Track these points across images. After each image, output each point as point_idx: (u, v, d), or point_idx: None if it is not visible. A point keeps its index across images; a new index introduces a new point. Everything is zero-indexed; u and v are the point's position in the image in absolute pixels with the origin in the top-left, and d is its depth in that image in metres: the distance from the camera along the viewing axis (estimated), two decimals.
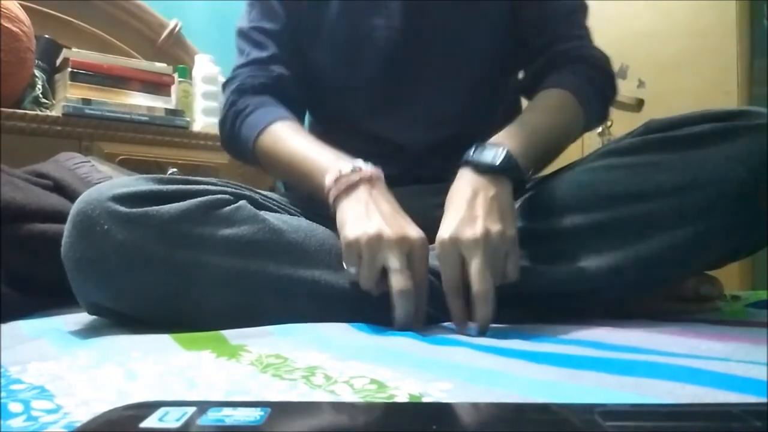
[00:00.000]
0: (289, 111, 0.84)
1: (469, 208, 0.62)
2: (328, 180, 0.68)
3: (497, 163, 0.65)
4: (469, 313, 0.60)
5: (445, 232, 0.62)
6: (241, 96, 0.86)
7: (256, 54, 0.88)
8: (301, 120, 0.88)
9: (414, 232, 0.63)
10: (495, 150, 0.66)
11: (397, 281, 0.60)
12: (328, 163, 0.71)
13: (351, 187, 0.66)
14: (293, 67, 0.89)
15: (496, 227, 0.61)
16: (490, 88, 0.90)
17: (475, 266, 0.59)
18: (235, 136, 0.85)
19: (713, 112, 0.67)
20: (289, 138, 0.79)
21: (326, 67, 0.89)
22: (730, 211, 0.62)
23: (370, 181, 0.67)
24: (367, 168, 0.68)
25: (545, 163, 0.79)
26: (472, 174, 0.66)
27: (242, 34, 0.91)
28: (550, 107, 0.79)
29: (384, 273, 0.62)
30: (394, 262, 0.60)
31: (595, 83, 0.82)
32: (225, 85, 0.90)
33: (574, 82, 0.80)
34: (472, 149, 0.68)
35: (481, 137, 0.69)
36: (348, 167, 0.67)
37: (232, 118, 0.86)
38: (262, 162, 0.83)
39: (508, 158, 0.66)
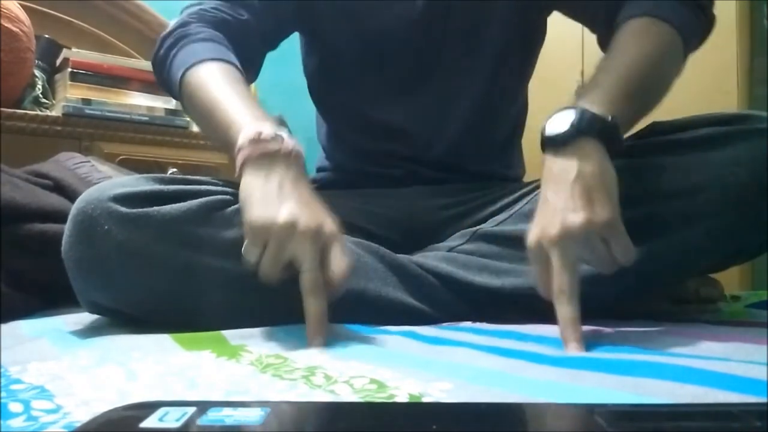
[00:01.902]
0: (239, 60, 0.75)
1: (551, 202, 0.55)
2: (242, 137, 0.60)
3: (565, 130, 0.56)
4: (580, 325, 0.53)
5: (530, 237, 0.56)
6: (197, 21, 0.77)
7: None
8: (248, 78, 0.78)
9: (329, 222, 0.56)
10: (563, 116, 0.57)
11: (306, 281, 0.54)
12: (249, 120, 0.62)
13: (266, 156, 0.59)
14: (264, 27, 0.82)
15: (578, 218, 0.52)
16: (505, 81, 0.88)
17: (555, 266, 0.53)
18: (171, 60, 0.76)
19: (716, 116, 0.67)
20: (221, 81, 0.70)
21: (344, 52, 0.85)
22: (732, 214, 0.62)
23: (289, 156, 0.59)
24: (289, 140, 0.60)
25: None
26: (549, 156, 0.57)
27: None
28: (628, 41, 0.68)
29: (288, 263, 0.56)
30: (306, 258, 0.54)
31: None
32: (186, 7, 0.81)
33: (647, 5, 0.69)
34: (545, 123, 0.59)
35: (492, 133, 0.66)
36: (269, 131, 0.59)
37: (175, 38, 0.76)
38: (184, 99, 0.74)
39: (581, 119, 0.56)
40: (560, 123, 0.57)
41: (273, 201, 0.56)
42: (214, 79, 0.70)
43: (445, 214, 0.83)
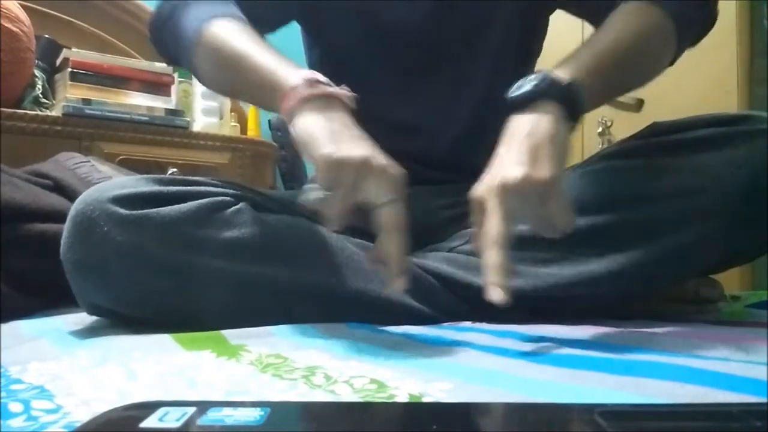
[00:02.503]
0: None
1: (501, 156, 0.56)
2: (296, 77, 0.58)
3: (528, 92, 0.57)
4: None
5: (474, 189, 0.56)
6: None
7: None
8: None
9: (398, 168, 0.55)
10: (529, 79, 0.58)
11: (390, 214, 0.53)
12: (292, 66, 0.61)
13: (324, 99, 0.57)
14: (266, 13, 0.80)
15: (517, 171, 0.52)
16: (509, 80, 0.88)
17: (488, 218, 0.52)
18: (177, 18, 0.72)
19: (716, 117, 0.67)
20: (243, 34, 0.67)
21: (347, 50, 0.85)
22: (732, 215, 0.62)
23: (345, 103, 0.58)
24: (342, 89, 0.59)
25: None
26: (512, 117, 0.58)
27: None
28: (614, 21, 0.68)
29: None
30: (383, 195, 0.53)
31: None
32: None
33: None
34: (511, 87, 0.60)
35: (493, 131, 0.66)
36: (320, 76, 0.59)
37: (176, 3, 0.73)
38: (200, 54, 0.70)
39: (541, 81, 0.57)
40: (523, 86, 0.58)
41: (345, 138, 0.54)
42: (238, 33, 0.68)
43: (446, 215, 0.83)
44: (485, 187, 0.54)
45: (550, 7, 0.86)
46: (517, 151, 0.54)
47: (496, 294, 0.50)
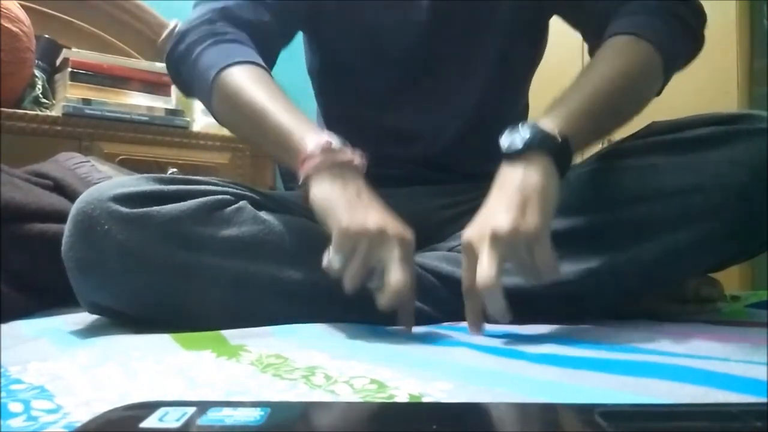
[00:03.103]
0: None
1: (492, 204, 0.59)
2: (313, 146, 0.61)
3: (520, 146, 0.59)
4: (482, 317, 0.59)
5: (464, 233, 0.59)
6: (222, 20, 0.74)
7: None
8: None
9: (409, 232, 0.60)
10: (520, 131, 0.60)
11: (397, 279, 0.56)
12: (310, 128, 0.64)
13: (339, 165, 0.60)
14: (282, 29, 0.81)
15: (507, 221, 0.55)
16: (507, 83, 0.88)
17: (480, 263, 0.55)
18: (195, 57, 0.73)
19: (716, 116, 0.67)
20: (266, 86, 0.69)
21: (348, 54, 0.85)
22: (732, 214, 0.62)
23: (356, 167, 0.61)
24: (353, 152, 0.62)
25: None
26: (503, 164, 0.61)
27: None
28: (602, 60, 0.69)
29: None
30: (396, 260, 0.56)
31: (662, 13, 0.70)
32: (199, 2, 0.78)
33: (630, 23, 0.70)
34: (504, 134, 0.61)
35: (493, 134, 0.66)
36: (337, 142, 0.61)
37: (200, 35, 0.73)
38: (219, 98, 0.71)
39: (534, 135, 0.59)
40: (515, 137, 0.60)
41: (359, 208, 0.58)
42: (257, 84, 0.69)
43: (445, 214, 0.83)
44: (476, 233, 0.57)
45: (547, 13, 0.86)
46: (508, 201, 0.56)
47: (473, 330, 0.58)
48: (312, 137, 0.62)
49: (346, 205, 0.58)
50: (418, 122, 0.85)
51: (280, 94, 0.69)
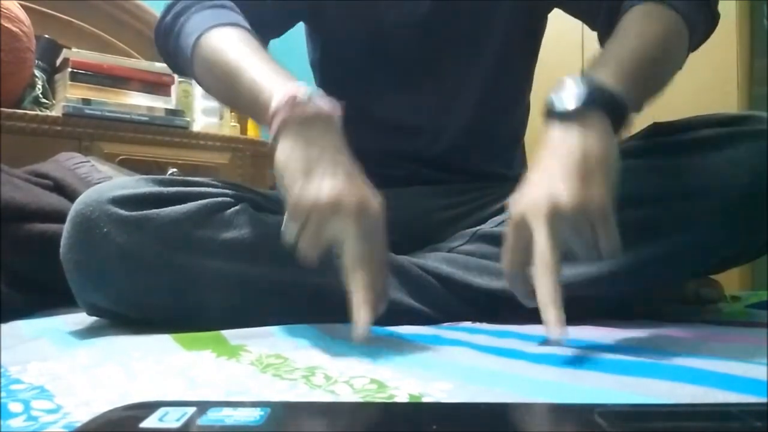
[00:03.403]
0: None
1: (545, 173, 0.51)
2: (278, 99, 0.56)
3: (575, 100, 0.52)
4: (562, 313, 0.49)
5: (514, 208, 0.52)
6: None
7: None
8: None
9: (375, 199, 0.54)
10: (572, 86, 0.54)
11: (352, 255, 0.51)
12: (280, 81, 0.58)
13: (306, 120, 0.55)
14: (275, 16, 0.80)
15: (571, 194, 0.48)
16: (508, 80, 0.88)
17: (536, 241, 0.49)
18: (176, 33, 0.72)
19: (717, 117, 0.67)
20: (242, 44, 0.66)
21: (349, 49, 0.85)
22: (733, 215, 0.62)
23: (328, 119, 0.56)
24: (325, 102, 0.56)
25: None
26: (552, 126, 0.54)
27: None
28: (634, 25, 0.65)
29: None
30: (349, 237, 0.51)
31: None
32: None
33: None
34: (553, 91, 0.55)
35: (494, 132, 0.65)
36: (305, 93, 0.55)
37: (178, 11, 0.72)
38: (198, 69, 0.70)
39: (592, 91, 0.53)
40: (569, 92, 0.54)
41: (315, 174, 0.52)
42: (234, 43, 0.66)
43: (446, 215, 0.83)
44: (531, 206, 0.50)
45: (549, 6, 0.86)
46: (568, 169, 0.50)
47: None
48: (280, 89, 0.56)
49: (303, 169, 0.53)
50: (419, 119, 0.84)
51: (255, 51, 0.65)
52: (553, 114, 0.54)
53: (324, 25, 0.86)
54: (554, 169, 0.51)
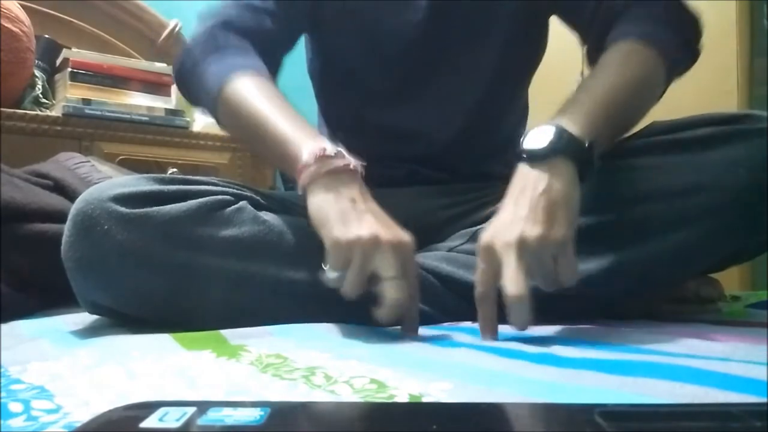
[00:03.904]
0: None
1: (513, 208, 0.57)
2: (307, 155, 0.60)
3: (543, 146, 0.58)
4: (496, 322, 0.57)
5: (484, 236, 0.57)
6: (223, 31, 0.76)
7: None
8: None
9: (406, 236, 0.59)
10: (542, 132, 0.59)
11: (393, 291, 0.55)
12: (308, 136, 0.63)
13: (333, 173, 0.59)
14: (285, 34, 0.82)
15: (535, 230, 0.54)
16: (507, 82, 0.88)
17: (506, 270, 0.54)
18: (201, 71, 0.74)
19: (716, 116, 0.67)
20: (266, 93, 0.69)
21: (348, 53, 0.85)
22: (732, 214, 0.62)
23: (354, 172, 0.60)
24: (349, 156, 0.61)
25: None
26: (522, 166, 0.59)
27: None
28: (612, 65, 0.69)
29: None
30: (390, 270, 0.55)
31: (664, 19, 0.71)
32: (205, 16, 0.79)
33: (636, 28, 0.70)
34: (524, 135, 0.60)
35: (492, 134, 0.66)
36: (332, 148, 0.60)
37: (204, 49, 0.75)
38: (223, 109, 0.72)
39: (559, 138, 0.58)
40: (539, 138, 0.59)
41: (352, 218, 0.57)
42: (258, 93, 0.69)
43: (446, 214, 0.83)
44: (500, 238, 0.55)
45: (547, 13, 0.86)
46: (533, 207, 0.55)
47: (488, 337, 0.56)
48: (307, 146, 0.61)
49: (338, 216, 0.57)
50: (418, 122, 0.85)
51: (279, 103, 0.68)
52: (526, 157, 0.59)
53: (322, 30, 0.86)
54: (522, 205, 0.56)
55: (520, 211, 0.56)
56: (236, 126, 0.74)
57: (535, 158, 0.58)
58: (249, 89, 0.69)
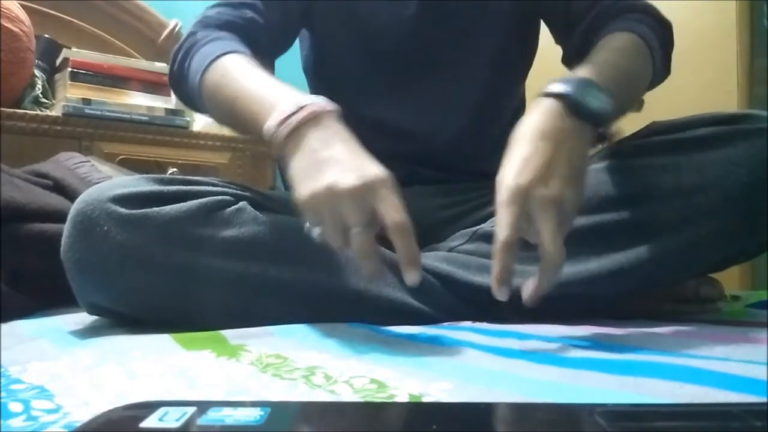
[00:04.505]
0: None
1: (545, 156, 0.54)
2: (269, 124, 0.58)
3: (595, 106, 0.56)
4: (512, 276, 0.53)
5: (513, 177, 0.53)
6: (202, 28, 0.76)
7: None
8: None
9: (373, 171, 0.53)
10: (599, 94, 0.57)
11: (355, 242, 0.52)
12: (271, 102, 0.60)
13: (296, 131, 0.56)
14: (271, 24, 0.81)
15: (572, 192, 0.53)
16: (502, 80, 0.89)
17: (548, 230, 0.51)
18: (185, 70, 0.75)
19: (716, 116, 0.67)
20: (240, 71, 0.67)
21: (341, 51, 0.86)
22: (732, 214, 0.62)
23: (317, 118, 0.56)
24: (315, 102, 0.57)
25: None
26: (559, 111, 0.56)
27: None
28: (619, 47, 0.70)
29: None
30: (351, 218, 0.52)
31: (654, 28, 0.74)
32: (189, 24, 0.80)
33: (634, 26, 0.72)
34: (567, 81, 0.58)
35: (490, 132, 0.66)
36: (290, 105, 0.57)
37: (186, 49, 0.75)
38: (206, 101, 0.72)
39: (610, 107, 0.57)
40: (593, 96, 0.57)
41: (312, 171, 0.54)
42: (231, 72, 0.68)
43: (445, 214, 0.83)
44: (539, 194, 0.52)
45: (536, 12, 0.86)
46: (569, 165, 0.54)
47: (503, 293, 0.52)
48: (270, 117, 0.58)
49: (300, 173, 0.55)
50: (414, 120, 0.85)
51: (250, 75, 0.66)
52: (566, 99, 0.56)
53: (315, 27, 0.86)
54: (560, 159, 0.54)
55: (556, 165, 0.53)
56: (220, 115, 0.74)
57: (579, 113, 0.56)
58: (222, 73, 0.68)
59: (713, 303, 0.76)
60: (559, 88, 0.57)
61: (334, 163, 0.54)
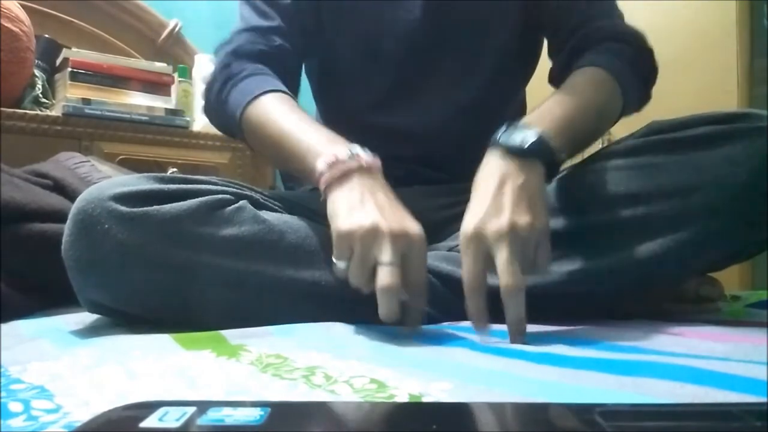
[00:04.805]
0: (285, 85, 0.78)
1: (495, 197, 0.58)
2: (321, 164, 0.62)
3: (526, 146, 0.60)
4: (489, 316, 0.57)
5: (469, 224, 0.58)
6: (236, 59, 0.80)
7: (257, 22, 0.83)
8: (295, 97, 0.81)
9: (413, 226, 0.59)
10: (525, 131, 0.62)
11: (384, 276, 0.54)
12: (323, 145, 0.65)
13: (346, 175, 0.61)
14: (296, 43, 0.84)
15: (524, 218, 0.56)
16: (504, 84, 0.89)
17: (501, 260, 0.54)
18: (223, 102, 0.78)
19: (714, 115, 0.67)
20: (283, 112, 0.73)
21: (344, 54, 0.86)
22: (731, 213, 0.62)
23: (367, 169, 0.62)
24: (364, 155, 0.62)
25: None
26: (499, 158, 0.61)
27: (247, 0, 0.85)
28: (583, 86, 0.74)
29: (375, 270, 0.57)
30: (386, 256, 0.55)
31: (631, 60, 0.77)
32: (219, 48, 0.84)
33: (606, 60, 0.75)
34: (501, 130, 0.63)
35: (491, 133, 0.67)
36: (344, 152, 0.62)
37: (222, 81, 0.79)
38: (248, 134, 0.77)
39: (540, 140, 0.61)
40: (522, 137, 0.61)
41: (356, 210, 0.58)
42: (275, 112, 0.73)
43: (445, 214, 0.83)
44: (488, 228, 0.56)
45: (536, 20, 0.87)
46: (518, 199, 0.58)
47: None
48: (321, 156, 0.63)
49: (345, 208, 0.59)
50: (416, 121, 0.85)
51: (299, 118, 0.71)
52: (502, 147, 0.61)
53: (319, 31, 0.86)
54: (507, 195, 0.58)
55: (504, 201, 0.57)
56: (262, 147, 0.78)
57: (514, 153, 0.61)
58: (267, 111, 0.73)
59: (713, 303, 0.76)
60: (495, 136, 0.63)
61: (379, 208, 0.58)
